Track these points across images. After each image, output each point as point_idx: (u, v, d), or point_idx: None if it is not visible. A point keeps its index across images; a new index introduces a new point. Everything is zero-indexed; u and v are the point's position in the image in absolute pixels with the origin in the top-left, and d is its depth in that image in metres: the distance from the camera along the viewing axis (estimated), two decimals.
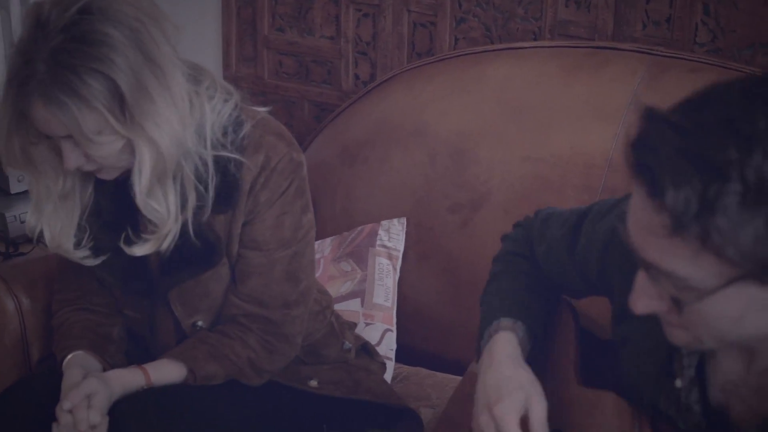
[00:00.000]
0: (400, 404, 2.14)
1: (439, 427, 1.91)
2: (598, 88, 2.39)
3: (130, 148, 1.74)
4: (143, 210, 1.80)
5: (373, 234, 2.51)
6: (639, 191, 1.11)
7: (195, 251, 1.89)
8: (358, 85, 3.01)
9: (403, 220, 2.51)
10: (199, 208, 1.85)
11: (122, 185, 1.85)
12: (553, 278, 1.69)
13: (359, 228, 2.53)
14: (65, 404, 1.79)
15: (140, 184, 1.76)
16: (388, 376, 2.33)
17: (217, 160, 1.85)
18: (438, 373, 2.41)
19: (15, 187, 2.68)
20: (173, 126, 1.74)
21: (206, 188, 1.84)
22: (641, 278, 1.19)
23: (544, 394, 1.51)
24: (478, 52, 2.60)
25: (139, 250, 1.85)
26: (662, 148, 1.07)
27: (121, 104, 1.68)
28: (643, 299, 1.20)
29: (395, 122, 2.60)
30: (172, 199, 1.81)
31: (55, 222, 1.88)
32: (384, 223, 2.52)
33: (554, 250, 1.65)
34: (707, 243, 1.06)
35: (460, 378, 2.31)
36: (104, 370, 1.96)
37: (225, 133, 1.85)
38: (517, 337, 1.60)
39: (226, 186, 1.86)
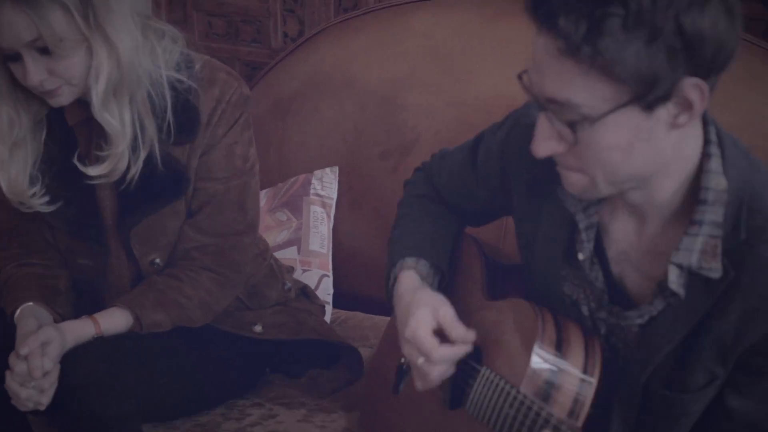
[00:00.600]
0: (342, 342, 2.21)
1: (374, 357, 2.00)
2: (518, 33, 2.44)
3: (89, 60, 1.80)
4: (99, 119, 1.85)
5: (307, 183, 2.57)
6: (538, 33, 1.29)
7: (160, 183, 1.95)
8: (287, 42, 3.07)
9: (336, 168, 2.58)
10: (161, 139, 1.92)
11: (71, 134, 1.93)
12: (456, 204, 1.81)
13: (293, 178, 2.59)
14: (22, 350, 1.82)
15: (97, 91, 1.82)
16: (326, 320, 2.39)
17: (176, 91, 1.92)
18: (375, 316, 2.48)
19: None
20: (130, 37, 1.82)
21: (163, 119, 1.91)
22: (541, 122, 1.35)
23: (449, 303, 1.59)
24: (403, 4, 2.67)
25: (94, 170, 1.89)
26: None
27: (85, 5, 1.75)
28: (544, 142, 1.36)
29: (325, 75, 2.67)
30: (128, 118, 1.87)
31: (10, 170, 1.92)
32: (317, 172, 2.58)
33: (457, 173, 1.77)
34: (596, 61, 1.23)
35: None
36: (54, 321, 1.99)
37: (178, 69, 1.93)
38: (418, 274, 1.71)
39: (188, 116, 1.94)
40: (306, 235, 2.53)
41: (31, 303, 1.99)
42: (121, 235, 2.02)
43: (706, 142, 1.39)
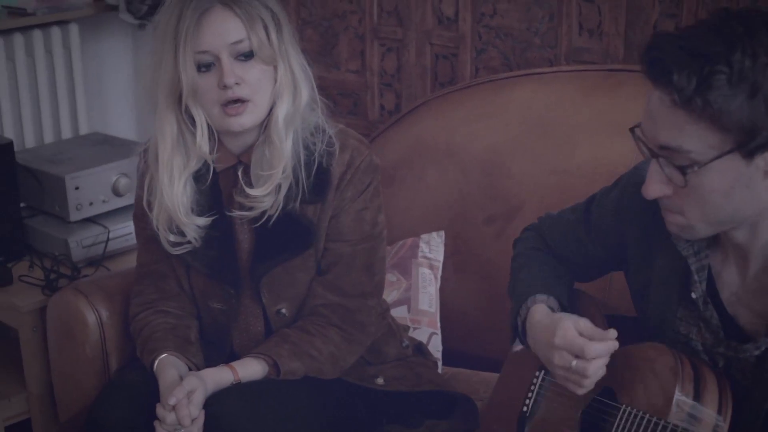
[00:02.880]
0: (459, 392, 2.33)
1: (489, 406, 2.12)
2: (615, 105, 2.61)
3: (273, 81, 2.04)
4: (274, 136, 2.06)
5: (415, 246, 2.72)
6: (654, 88, 1.51)
7: (292, 233, 2.11)
8: (383, 115, 3.23)
9: (442, 233, 2.73)
10: (294, 195, 2.09)
11: (215, 180, 2.14)
12: (568, 259, 1.98)
13: (400, 242, 2.73)
14: (171, 400, 1.96)
15: (280, 110, 2.05)
16: None
17: (309, 151, 2.10)
18: (482, 372, 2.60)
19: (74, 216, 2.86)
20: (304, 74, 2.10)
21: (297, 177, 2.09)
22: (652, 167, 1.56)
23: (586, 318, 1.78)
24: (501, 79, 2.83)
25: (255, 191, 2.08)
26: (668, 47, 1.47)
27: (277, 26, 2.04)
28: (654, 184, 1.57)
29: (428, 144, 2.82)
30: (289, 148, 2.07)
31: (181, 200, 2.10)
32: (424, 236, 2.73)
33: (570, 231, 1.97)
34: (705, 112, 1.44)
35: None
36: (189, 370, 2.14)
37: (313, 133, 2.11)
38: (549, 307, 1.88)
39: (320, 178, 2.11)
40: (415, 295, 2.66)
41: (167, 354, 2.14)
42: (253, 282, 2.17)
43: None
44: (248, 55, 2.02)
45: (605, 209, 1.87)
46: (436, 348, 2.61)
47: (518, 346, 1.93)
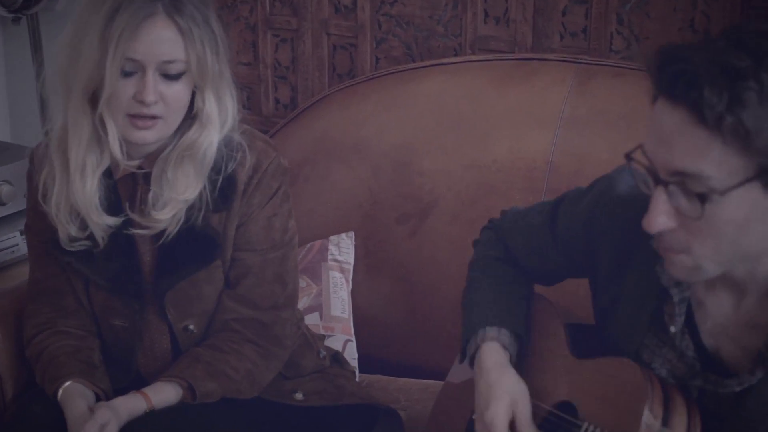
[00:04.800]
0: (383, 405, 2.22)
1: (434, 417, 2.01)
2: (530, 96, 2.52)
3: (188, 100, 1.90)
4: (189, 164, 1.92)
5: (324, 249, 2.58)
6: (668, 105, 1.34)
7: (195, 246, 1.96)
8: (278, 109, 3.08)
9: (351, 233, 2.60)
10: (198, 206, 1.94)
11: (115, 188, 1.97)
12: (530, 265, 1.86)
13: (308, 245, 2.60)
14: None
15: (204, 139, 1.92)
16: None
17: (217, 161, 1.95)
18: (399, 379, 2.49)
19: None
20: (229, 88, 1.98)
21: (205, 187, 1.95)
22: (658, 197, 1.38)
23: (528, 396, 1.71)
24: (407, 70, 2.71)
25: (159, 214, 1.92)
26: (697, 60, 1.31)
27: (216, 49, 1.89)
28: (659, 217, 1.38)
29: (334, 140, 2.69)
30: (205, 175, 1.94)
31: (92, 198, 1.94)
32: (333, 238, 2.60)
33: (535, 236, 1.82)
34: (737, 132, 1.29)
35: (421, 381, 2.42)
36: (97, 397, 1.98)
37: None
38: (501, 345, 1.78)
39: (224, 184, 1.95)
40: (327, 300, 2.53)
41: (72, 381, 1.98)
42: (157, 298, 2.01)
43: None
44: (176, 76, 1.86)
45: (574, 219, 1.74)
46: (351, 356, 2.48)
47: (466, 363, 1.82)
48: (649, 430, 1.50)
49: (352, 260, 2.59)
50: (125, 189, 1.99)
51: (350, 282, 2.58)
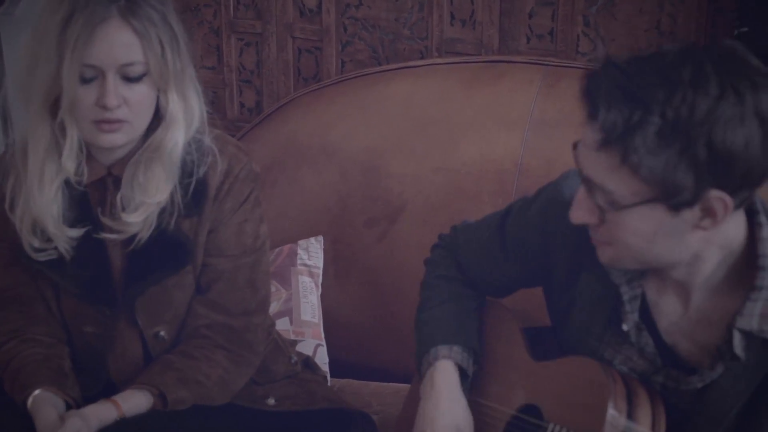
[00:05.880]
0: (356, 409, 2.20)
1: (400, 423, 2.01)
2: (498, 98, 2.52)
3: (154, 102, 1.86)
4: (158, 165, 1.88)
5: (293, 254, 2.56)
6: (585, 119, 1.40)
7: (166, 251, 1.93)
8: (243, 113, 3.06)
9: (320, 238, 2.58)
10: (169, 211, 1.91)
11: (85, 194, 1.93)
12: (481, 278, 1.87)
13: (277, 249, 2.58)
14: None
15: (170, 139, 1.87)
16: None
17: (187, 165, 1.91)
18: (371, 383, 2.48)
19: None
20: (196, 91, 1.93)
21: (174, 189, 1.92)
22: (580, 193, 1.47)
23: (472, 425, 1.72)
24: (374, 73, 2.70)
25: (129, 217, 1.89)
26: (605, 81, 1.35)
27: (176, 47, 1.84)
28: (579, 210, 1.47)
29: (301, 144, 2.67)
30: (175, 176, 1.91)
31: (49, 209, 1.90)
32: (301, 242, 2.58)
33: (484, 248, 1.84)
34: (626, 160, 1.34)
35: (392, 385, 2.41)
36: (67, 405, 1.95)
37: (188, 142, 1.92)
38: (454, 363, 1.78)
39: (195, 189, 1.92)
40: (297, 305, 2.52)
41: (42, 390, 1.94)
42: (128, 304, 1.99)
43: (753, 212, 1.48)
44: (137, 78, 1.82)
45: (525, 227, 1.75)
46: (322, 360, 2.47)
47: None
48: (614, 425, 1.51)
49: (321, 264, 2.57)
50: (96, 195, 1.96)
51: (320, 286, 2.57)
